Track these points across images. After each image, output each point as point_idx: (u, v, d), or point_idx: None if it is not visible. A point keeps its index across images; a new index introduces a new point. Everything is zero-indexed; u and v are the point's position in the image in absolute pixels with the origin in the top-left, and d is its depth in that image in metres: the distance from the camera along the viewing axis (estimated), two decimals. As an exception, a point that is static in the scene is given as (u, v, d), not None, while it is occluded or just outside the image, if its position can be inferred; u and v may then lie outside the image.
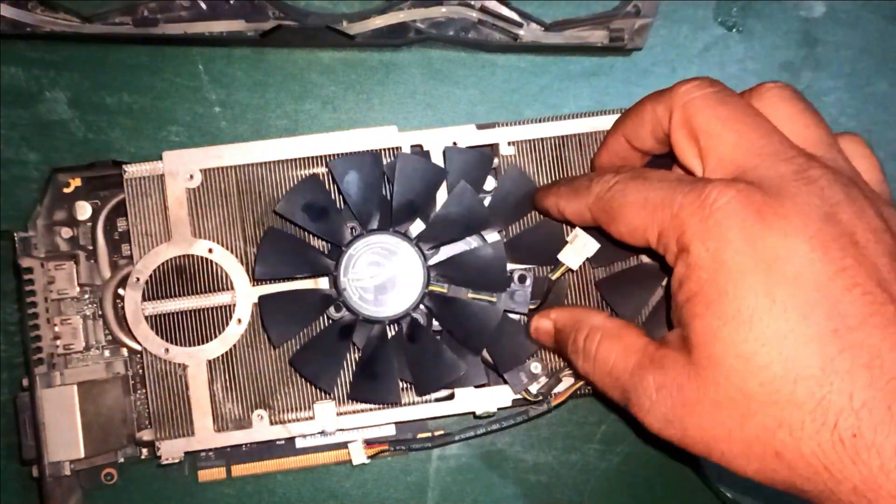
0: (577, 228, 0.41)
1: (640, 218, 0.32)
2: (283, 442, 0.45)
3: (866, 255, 0.27)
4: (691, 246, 0.29)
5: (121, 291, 0.44)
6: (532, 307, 0.42)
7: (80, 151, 0.47)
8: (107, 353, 0.45)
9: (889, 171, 0.49)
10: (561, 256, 0.41)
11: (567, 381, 0.42)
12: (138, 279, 0.42)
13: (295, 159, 0.43)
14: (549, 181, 0.44)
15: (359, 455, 0.44)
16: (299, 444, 0.45)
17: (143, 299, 0.42)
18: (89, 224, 0.45)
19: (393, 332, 0.43)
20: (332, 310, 0.42)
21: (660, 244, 0.31)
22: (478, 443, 0.47)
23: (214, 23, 0.45)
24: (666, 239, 0.31)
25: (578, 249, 0.41)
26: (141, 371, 0.44)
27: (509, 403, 0.43)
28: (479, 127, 0.43)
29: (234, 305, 0.43)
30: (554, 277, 0.42)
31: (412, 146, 0.43)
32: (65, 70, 0.47)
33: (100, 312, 0.44)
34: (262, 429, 0.42)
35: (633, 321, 0.43)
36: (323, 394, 0.43)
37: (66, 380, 0.43)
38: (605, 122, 0.44)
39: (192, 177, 0.43)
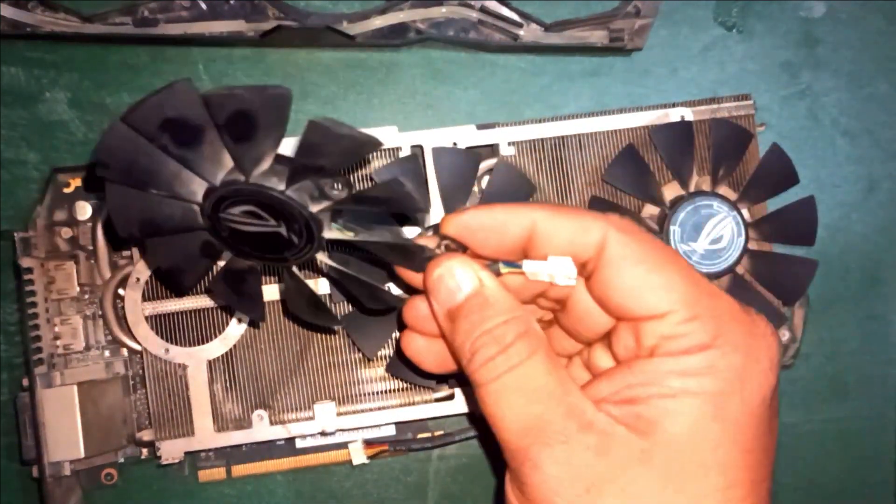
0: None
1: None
2: (283, 442, 0.45)
3: None
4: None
5: (121, 291, 0.44)
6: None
7: (80, 151, 0.47)
8: (107, 353, 0.45)
9: (889, 170, 0.49)
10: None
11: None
12: (138, 279, 0.42)
13: (295, 159, 0.43)
14: (549, 182, 0.44)
15: (359, 455, 0.44)
16: (299, 444, 0.45)
17: (143, 299, 0.42)
18: (89, 224, 0.45)
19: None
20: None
21: None
22: (478, 443, 0.47)
23: (214, 23, 0.45)
24: None
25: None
26: (141, 371, 0.44)
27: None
28: (479, 127, 0.43)
29: (234, 305, 0.43)
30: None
31: (412, 146, 0.43)
32: (65, 70, 0.47)
33: (100, 312, 0.44)
34: (262, 429, 0.42)
35: None
36: (324, 395, 0.43)
37: (66, 380, 0.43)
38: (605, 123, 0.44)
39: (192, 177, 0.43)
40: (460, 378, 0.40)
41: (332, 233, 0.32)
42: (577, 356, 0.34)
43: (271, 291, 0.43)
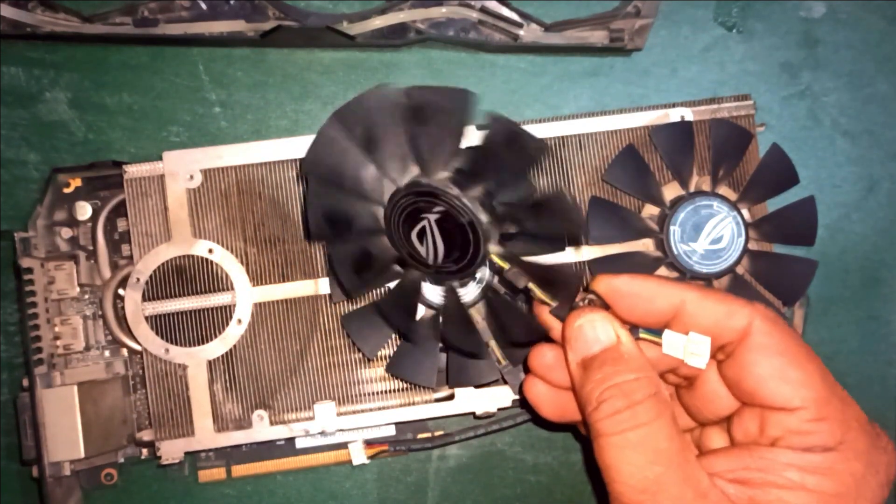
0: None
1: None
2: (283, 442, 0.45)
3: None
4: None
5: (121, 291, 0.44)
6: None
7: (80, 151, 0.47)
8: (107, 353, 0.45)
9: (889, 171, 0.49)
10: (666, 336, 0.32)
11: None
12: (138, 279, 0.42)
13: (295, 159, 0.43)
14: (549, 182, 0.44)
15: (359, 455, 0.44)
16: (299, 444, 0.45)
17: (143, 299, 0.42)
18: (89, 224, 0.45)
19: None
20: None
21: None
22: (478, 443, 0.47)
23: (214, 23, 0.45)
24: None
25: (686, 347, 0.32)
26: (141, 371, 0.44)
27: (509, 403, 0.43)
28: (479, 127, 0.43)
29: (234, 305, 0.43)
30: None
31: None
32: (65, 70, 0.47)
33: (100, 312, 0.44)
34: (262, 429, 0.42)
35: None
36: (323, 396, 0.43)
37: (66, 380, 0.43)
38: (605, 123, 0.44)
39: (192, 177, 0.43)
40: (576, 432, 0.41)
41: (497, 248, 0.35)
42: (688, 433, 0.35)
43: (277, 291, 0.43)
